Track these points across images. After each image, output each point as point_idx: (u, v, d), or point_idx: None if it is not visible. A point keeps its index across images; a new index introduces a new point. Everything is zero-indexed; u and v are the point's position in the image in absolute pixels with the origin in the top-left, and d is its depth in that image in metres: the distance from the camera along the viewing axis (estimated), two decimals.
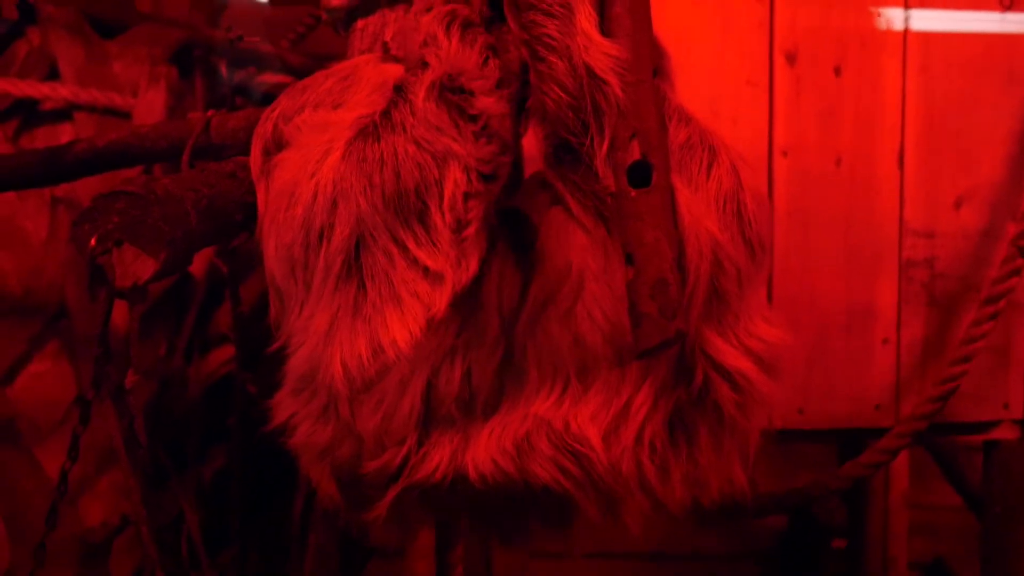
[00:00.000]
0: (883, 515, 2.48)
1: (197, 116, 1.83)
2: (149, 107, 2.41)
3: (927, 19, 2.19)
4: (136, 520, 1.91)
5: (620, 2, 1.25)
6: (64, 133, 2.40)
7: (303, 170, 1.26)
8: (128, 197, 1.37)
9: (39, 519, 1.78)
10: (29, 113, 2.42)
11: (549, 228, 1.26)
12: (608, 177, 1.22)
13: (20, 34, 2.46)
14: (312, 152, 1.27)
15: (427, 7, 1.34)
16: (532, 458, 1.24)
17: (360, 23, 1.65)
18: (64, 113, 2.42)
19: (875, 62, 2.19)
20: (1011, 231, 2.09)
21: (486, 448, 1.24)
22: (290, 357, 1.31)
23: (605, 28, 1.25)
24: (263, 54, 2.60)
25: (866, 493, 2.43)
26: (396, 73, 1.33)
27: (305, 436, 1.33)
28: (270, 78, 2.55)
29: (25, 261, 2.32)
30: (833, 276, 2.20)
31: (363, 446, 1.28)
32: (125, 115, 2.41)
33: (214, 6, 2.72)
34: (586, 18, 1.24)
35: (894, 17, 2.19)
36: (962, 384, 2.05)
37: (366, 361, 1.20)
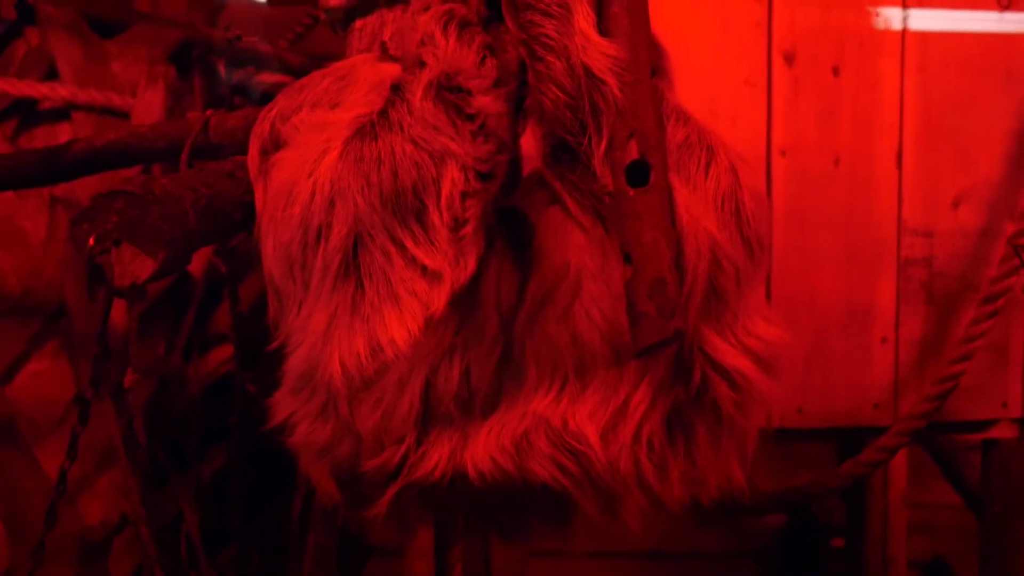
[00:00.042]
0: (882, 514, 2.48)
1: (196, 116, 1.82)
2: (147, 107, 2.40)
3: (925, 19, 2.19)
4: (135, 519, 1.91)
5: (618, 2, 1.25)
6: (62, 133, 2.39)
7: (301, 169, 1.26)
8: (127, 197, 1.37)
9: (38, 518, 1.78)
10: (27, 113, 2.42)
11: (547, 227, 1.26)
12: (606, 176, 1.22)
13: (18, 34, 2.46)
14: (310, 151, 1.27)
15: (424, 6, 1.34)
16: (531, 456, 1.24)
17: (358, 23, 1.65)
18: (62, 113, 2.41)
19: (873, 62, 2.19)
20: (1009, 230, 2.09)
21: (485, 446, 1.24)
22: (289, 356, 1.31)
23: (603, 28, 1.25)
24: (261, 54, 2.60)
25: (865, 492, 2.42)
26: (393, 72, 1.33)
27: (304, 435, 1.33)
28: (268, 78, 2.55)
29: (24, 260, 2.32)
30: (832, 275, 2.20)
31: (362, 444, 1.28)
32: (123, 115, 2.41)
33: (212, 6, 2.72)
34: (584, 18, 1.24)
35: (892, 17, 2.19)
36: (961, 383, 2.05)
37: (365, 360, 1.21)
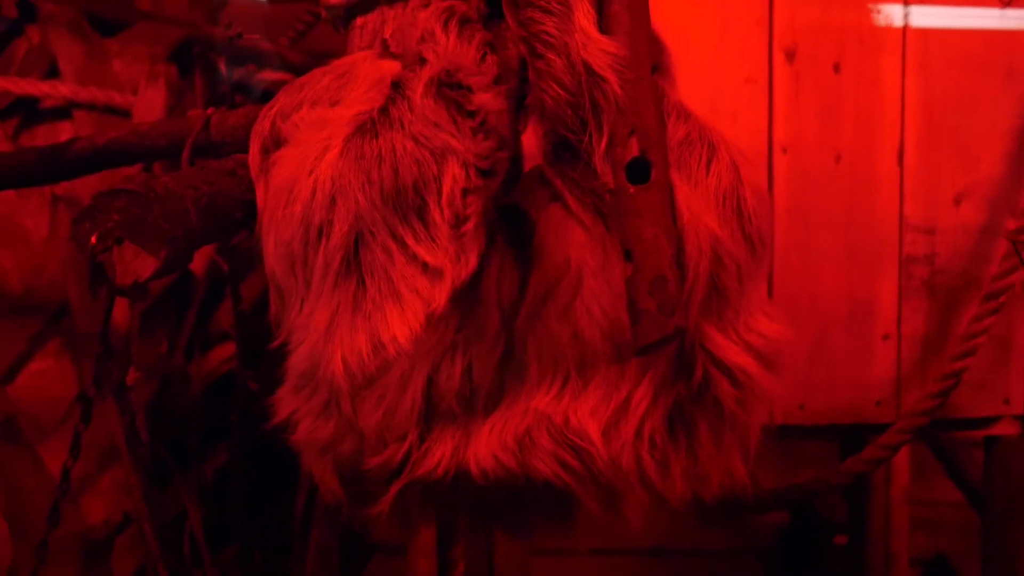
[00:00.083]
0: (884, 511, 2.48)
1: (197, 114, 1.82)
2: (149, 105, 2.40)
3: (926, 15, 2.19)
4: (138, 518, 1.91)
5: None
6: (64, 131, 2.39)
7: (301, 167, 1.26)
8: (128, 195, 1.37)
9: (41, 517, 1.78)
10: (29, 111, 2.42)
11: (548, 224, 1.26)
12: (607, 174, 1.22)
13: (20, 32, 2.46)
14: (310, 149, 1.27)
15: (425, 3, 1.34)
16: (533, 453, 1.24)
17: (359, 20, 1.65)
18: (64, 111, 2.41)
19: (874, 59, 2.19)
20: (1010, 227, 2.09)
21: (487, 444, 1.24)
22: (291, 354, 1.31)
23: (603, 25, 1.25)
24: (262, 52, 2.60)
25: (867, 489, 2.42)
26: (393, 69, 1.33)
27: (307, 433, 1.33)
28: (269, 75, 2.55)
29: (26, 259, 2.32)
30: (833, 272, 2.20)
31: (365, 442, 1.28)
32: (125, 113, 2.41)
33: (213, 4, 2.72)
34: (584, 15, 1.24)
35: (893, 14, 2.19)
36: (963, 379, 2.05)
37: (367, 357, 1.21)
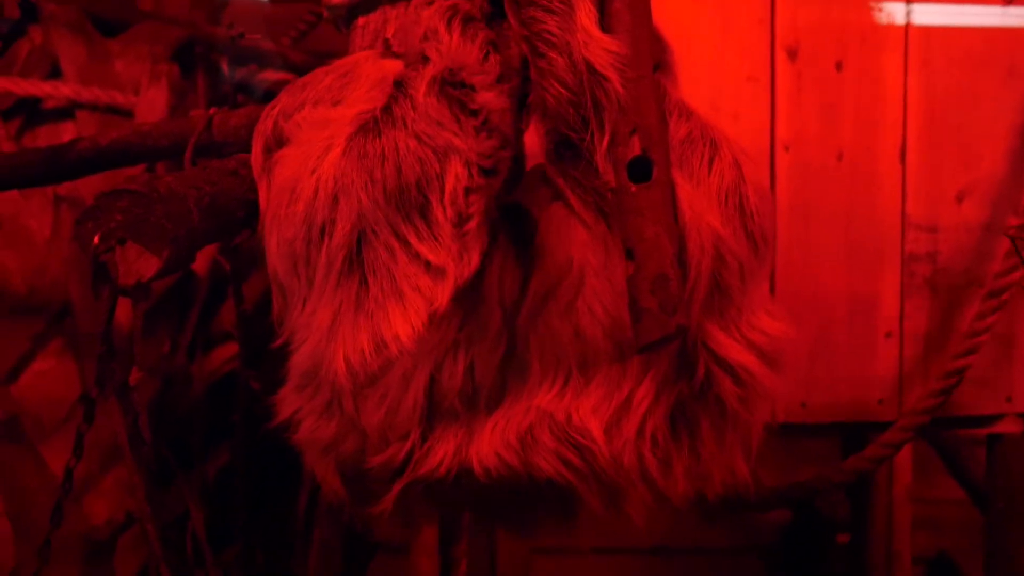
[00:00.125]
0: (887, 509, 2.47)
1: (199, 114, 1.82)
2: (151, 105, 2.41)
3: (928, 13, 2.19)
4: (141, 517, 1.91)
5: None
6: (66, 131, 2.40)
7: (304, 166, 1.26)
8: (131, 195, 1.37)
9: (44, 517, 1.79)
10: (31, 112, 2.42)
11: (550, 223, 1.26)
12: (608, 173, 1.22)
13: (22, 33, 2.46)
14: (313, 148, 1.27)
15: (428, 1, 1.34)
16: (535, 451, 1.24)
17: (361, 20, 1.65)
18: (66, 112, 2.42)
19: (876, 57, 2.19)
20: (1012, 224, 2.09)
21: (490, 442, 1.24)
22: (293, 353, 1.31)
23: (605, 24, 1.25)
24: (264, 51, 2.60)
25: (869, 487, 2.42)
26: (395, 69, 1.33)
27: (309, 432, 1.33)
28: (271, 75, 2.55)
29: (29, 259, 2.33)
30: (835, 270, 2.20)
31: (367, 441, 1.29)
32: (127, 113, 2.41)
33: (215, 4, 2.72)
34: (586, 14, 1.24)
35: (895, 12, 2.19)
36: (965, 377, 2.05)
37: (369, 356, 1.20)
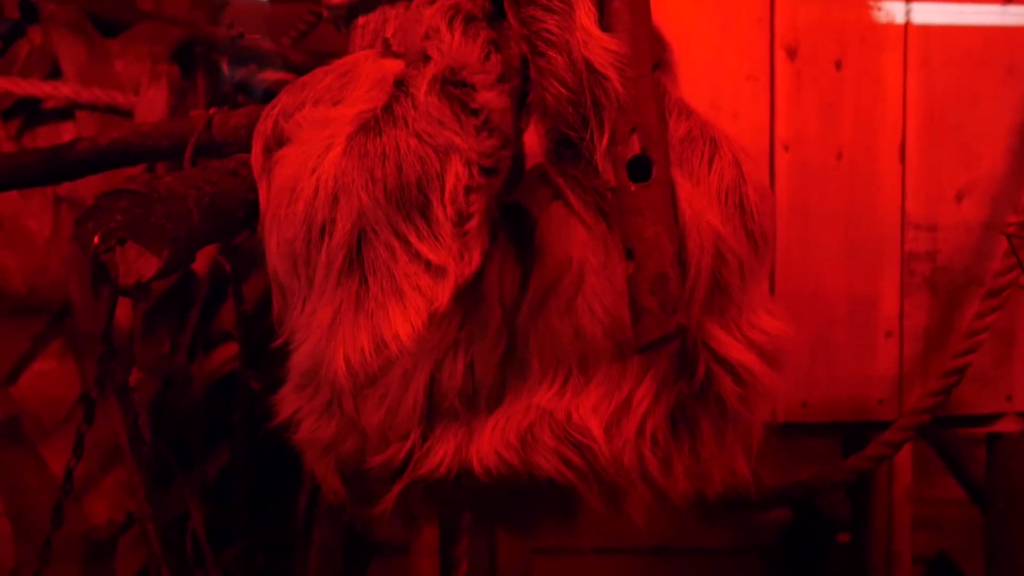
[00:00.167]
0: (887, 509, 2.47)
1: (199, 114, 1.82)
2: (151, 105, 2.41)
3: (927, 12, 2.19)
4: (141, 517, 1.91)
5: None
6: (66, 132, 2.40)
7: (304, 166, 1.26)
8: (131, 195, 1.37)
9: (44, 517, 1.78)
10: (31, 112, 2.42)
11: (549, 222, 1.26)
12: (608, 172, 1.22)
13: (22, 33, 2.46)
14: (313, 148, 1.27)
15: (430, 0, 1.34)
16: (536, 450, 1.24)
17: (361, 20, 1.65)
18: (66, 112, 2.42)
19: (876, 56, 2.19)
20: (1011, 222, 2.09)
21: (490, 441, 1.24)
22: (293, 353, 1.31)
23: (604, 23, 1.25)
24: (264, 51, 2.60)
25: (870, 487, 2.41)
26: (395, 68, 1.33)
27: (309, 432, 1.33)
28: (271, 75, 2.55)
29: (29, 260, 2.33)
30: (835, 270, 2.20)
31: (367, 441, 1.28)
32: (127, 113, 2.41)
33: (215, 4, 2.72)
34: (585, 13, 1.24)
35: (895, 11, 2.19)
36: (965, 377, 2.05)
37: (369, 355, 1.20)
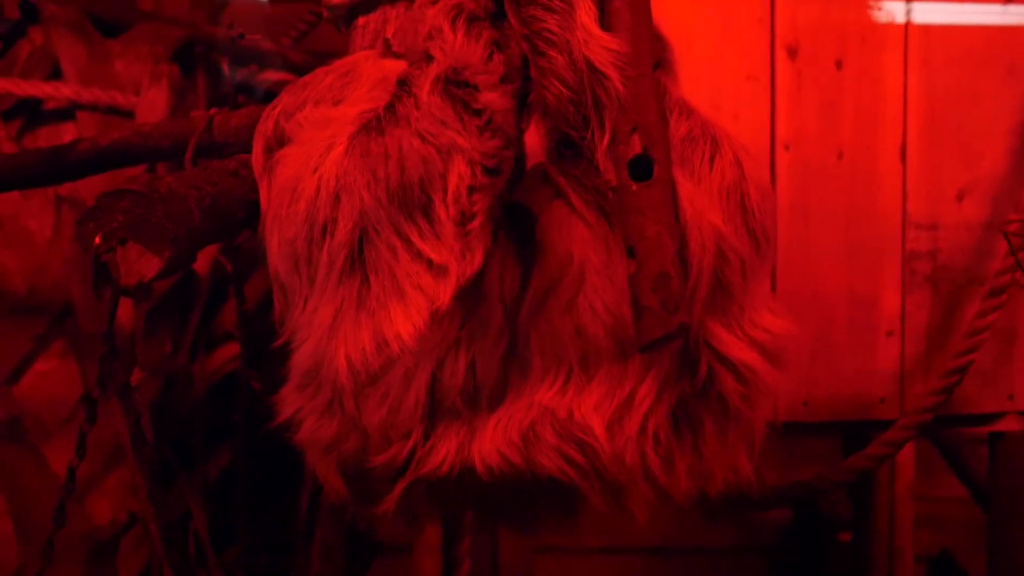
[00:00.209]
0: (889, 508, 2.47)
1: (199, 114, 1.82)
2: (151, 106, 2.41)
3: (928, 12, 2.20)
4: (143, 518, 1.92)
5: None
6: (67, 132, 2.40)
7: (305, 165, 1.26)
8: (132, 195, 1.37)
9: (46, 517, 1.78)
10: (32, 113, 2.42)
11: (550, 222, 1.26)
12: (609, 171, 1.22)
13: (22, 34, 2.46)
14: (314, 147, 1.27)
15: (432, 0, 1.34)
16: (538, 448, 1.24)
17: (361, 20, 1.65)
18: (67, 112, 2.42)
19: (876, 56, 2.20)
20: (1011, 219, 2.09)
21: (492, 440, 1.24)
22: (294, 352, 1.31)
23: (605, 22, 1.25)
24: (265, 52, 2.60)
25: (871, 486, 2.42)
26: (396, 69, 1.33)
27: (310, 431, 1.33)
28: (272, 76, 2.55)
29: (29, 260, 2.33)
30: (836, 269, 2.20)
31: (369, 440, 1.29)
32: (128, 114, 2.41)
33: (215, 4, 2.72)
34: (586, 12, 1.24)
35: (895, 10, 2.19)
36: (967, 376, 2.05)
37: (370, 355, 1.21)
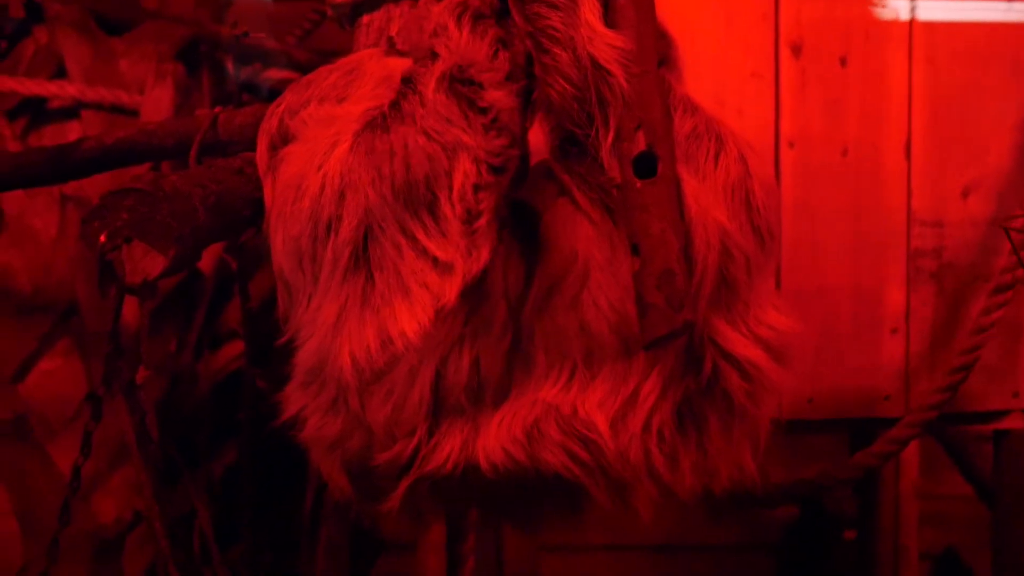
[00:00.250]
0: (894, 505, 2.47)
1: (204, 113, 1.83)
2: (156, 104, 2.41)
3: (932, 9, 2.19)
4: (148, 516, 1.92)
5: None
6: (72, 131, 2.40)
7: (310, 163, 1.27)
8: (137, 194, 1.38)
9: (52, 515, 1.79)
10: (37, 111, 2.43)
11: (555, 219, 1.26)
12: (613, 168, 1.23)
13: (27, 33, 2.47)
14: (319, 145, 1.27)
15: None
16: (542, 445, 1.24)
17: (365, 18, 1.65)
18: (71, 111, 2.42)
19: (881, 53, 2.19)
20: (1014, 215, 2.09)
21: (496, 437, 1.25)
22: (298, 350, 1.31)
23: (609, 19, 1.25)
24: (269, 50, 2.60)
25: (876, 483, 2.41)
26: (400, 66, 1.33)
27: (315, 429, 1.33)
28: (276, 74, 2.55)
29: (35, 259, 2.33)
30: (841, 266, 2.19)
31: (373, 438, 1.29)
32: (132, 112, 2.41)
33: (219, 2, 2.72)
34: (590, 10, 1.24)
35: (899, 7, 2.18)
36: (972, 373, 2.05)
37: (375, 352, 1.21)
